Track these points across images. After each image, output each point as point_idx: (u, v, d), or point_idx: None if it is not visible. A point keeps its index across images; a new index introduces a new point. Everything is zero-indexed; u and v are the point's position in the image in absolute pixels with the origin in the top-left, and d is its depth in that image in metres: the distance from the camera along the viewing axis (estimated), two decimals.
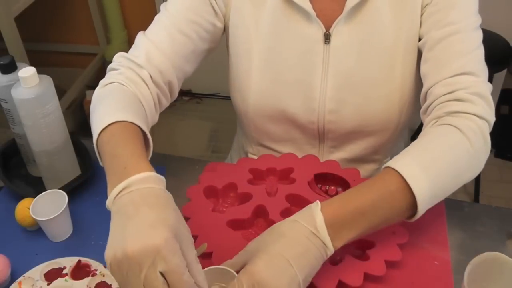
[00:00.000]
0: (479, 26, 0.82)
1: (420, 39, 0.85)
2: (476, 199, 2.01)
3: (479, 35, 0.81)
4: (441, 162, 0.72)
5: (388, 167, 0.71)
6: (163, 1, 0.89)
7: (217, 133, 2.44)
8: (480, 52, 0.81)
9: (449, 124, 0.75)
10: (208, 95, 2.63)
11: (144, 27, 0.88)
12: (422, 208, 0.70)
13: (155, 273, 0.55)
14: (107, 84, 0.82)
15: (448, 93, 0.78)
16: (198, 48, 0.89)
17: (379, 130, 0.92)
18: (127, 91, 0.80)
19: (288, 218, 0.69)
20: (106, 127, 0.69)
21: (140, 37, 0.87)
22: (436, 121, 0.78)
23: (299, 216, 0.68)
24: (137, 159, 0.65)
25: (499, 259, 0.67)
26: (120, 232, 0.58)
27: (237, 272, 0.66)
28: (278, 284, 0.62)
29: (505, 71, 2.05)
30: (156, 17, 0.88)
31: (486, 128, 0.76)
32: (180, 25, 0.86)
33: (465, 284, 0.65)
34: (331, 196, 0.85)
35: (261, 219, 0.82)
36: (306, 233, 0.65)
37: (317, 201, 0.69)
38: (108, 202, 0.63)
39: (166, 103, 0.89)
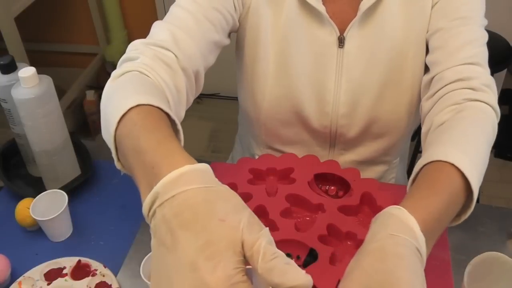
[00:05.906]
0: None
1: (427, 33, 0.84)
2: (476, 199, 2.00)
3: (486, 35, 0.82)
4: (483, 160, 0.66)
5: (444, 161, 0.61)
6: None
7: (217, 133, 2.44)
8: (486, 50, 0.81)
9: (477, 114, 0.72)
10: (208, 95, 2.63)
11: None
12: (471, 210, 0.62)
13: None
14: (121, 75, 0.68)
15: (460, 80, 0.76)
16: (220, 39, 0.83)
17: (389, 131, 0.91)
18: (148, 79, 0.67)
19: (376, 230, 0.54)
20: (125, 114, 0.56)
21: (159, 25, 0.78)
22: (457, 107, 0.74)
23: (394, 229, 0.53)
24: (165, 151, 0.51)
25: (499, 259, 0.67)
26: (164, 273, 0.46)
27: None
28: None
29: (505, 71, 2.05)
30: (173, 8, 0.81)
31: (497, 120, 0.75)
32: (206, 11, 0.80)
33: (465, 284, 0.65)
34: (331, 196, 0.85)
35: (261, 219, 0.81)
36: (415, 252, 0.52)
37: (395, 206, 0.55)
38: (145, 218, 0.50)
39: (191, 98, 0.76)
